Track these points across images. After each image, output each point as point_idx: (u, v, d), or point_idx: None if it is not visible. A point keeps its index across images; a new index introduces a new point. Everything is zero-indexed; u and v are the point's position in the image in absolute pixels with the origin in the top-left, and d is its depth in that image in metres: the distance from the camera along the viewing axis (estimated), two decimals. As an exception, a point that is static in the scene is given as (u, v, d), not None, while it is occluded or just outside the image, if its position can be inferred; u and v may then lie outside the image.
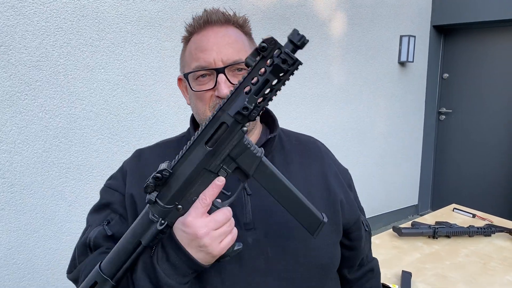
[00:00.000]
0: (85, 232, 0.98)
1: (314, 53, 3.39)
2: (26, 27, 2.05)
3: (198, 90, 0.94)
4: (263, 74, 0.71)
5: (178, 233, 0.78)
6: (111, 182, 1.03)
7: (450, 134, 4.64)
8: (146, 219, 0.78)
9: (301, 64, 0.72)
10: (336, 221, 1.00)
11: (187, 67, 0.97)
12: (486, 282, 1.57)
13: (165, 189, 0.77)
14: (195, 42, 0.95)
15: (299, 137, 1.13)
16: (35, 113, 2.13)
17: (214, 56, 0.91)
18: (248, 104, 0.72)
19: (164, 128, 2.62)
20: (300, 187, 0.97)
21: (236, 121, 0.74)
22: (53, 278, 2.29)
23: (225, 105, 0.74)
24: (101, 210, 1.00)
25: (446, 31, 4.55)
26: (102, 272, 0.79)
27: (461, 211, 2.32)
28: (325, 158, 1.09)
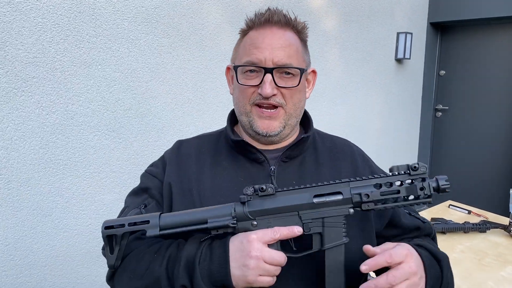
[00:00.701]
0: (122, 212, 1.02)
1: (310, 49, 3.37)
2: (23, 23, 2.04)
3: (244, 83, 0.97)
4: (399, 185, 0.81)
5: (234, 241, 0.83)
6: (152, 169, 1.08)
7: (446, 131, 4.66)
8: (226, 210, 0.84)
9: (430, 203, 0.85)
10: (365, 227, 1.00)
11: (238, 60, 1.01)
12: (481, 277, 1.58)
13: (258, 201, 0.84)
14: (251, 38, 0.98)
15: (334, 139, 1.16)
16: (32, 110, 2.13)
17: (266, 55, 0.94)
18: (371, 195, 0.80)
19: (161, 124, 2.62)
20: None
21: (350, 198, 0.82)
22: (50, 275, 2.29)
23: (353, 182, 0.83)
24: (139, 194, 1.04)
25: (443, 28, 4.56)
26: (159, 217, 0.85)
27: (457, 208, 2.34)
28: (359, 161, 1.10)
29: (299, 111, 1.04)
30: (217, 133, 1.13)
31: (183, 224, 0.84)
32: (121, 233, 0.84)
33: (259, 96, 0.96)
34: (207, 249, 0.84)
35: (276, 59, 0.94)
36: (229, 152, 1.04)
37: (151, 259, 0.88)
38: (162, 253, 0.88)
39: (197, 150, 1.06)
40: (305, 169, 1.02)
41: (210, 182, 0.99)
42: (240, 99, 1.00)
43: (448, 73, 4.57)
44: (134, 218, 0.86)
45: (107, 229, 0.84)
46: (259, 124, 0.98)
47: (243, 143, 1.00)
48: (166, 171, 1.03)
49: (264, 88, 0.94)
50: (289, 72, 0.97)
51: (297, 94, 1.00)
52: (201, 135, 1.14)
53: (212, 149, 1.06)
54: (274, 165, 1.01)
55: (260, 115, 0.98)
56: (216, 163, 1.03)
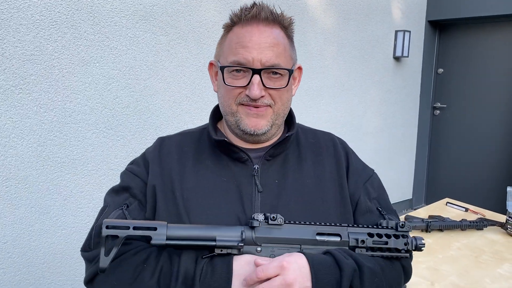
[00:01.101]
0: (103, 211, 0.98)
1: (309, 47, 3.39)
2: (20, 21, 2.04)
3: (230, 84, 0.94)
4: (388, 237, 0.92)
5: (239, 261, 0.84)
6: (133, 167, 1.04)
7: (444, 129, 4.66)
8: (235, 232, 0.86)
9: (407, 257, 0.96)
10: (347, 218, 1.01)
11: (223, 58, 0.96)
12: (478, 275, 1.59)
13: (265, 229, 0.87)
14: (238, 36, 0.94)
15: (317, 134, 1.14)
16: (30, 107, 2.12)
17: (254, 56, 0.91)
18: (366, 241, 0.91)
19: (159, 122, 2.62)
20: (312, 184, 1.01)
21: (347, 241, 0.90)
22: (48, 272, 2.29)
23: (350, 227, 0.92)
24: (120, 193, 1.00)
25: (441, 26, 4.56)
26: (167, 226, 0.83)
27: (454, 205, 2.34)
28: (342, 155, 1.09)
29: (287, 110, 1.02)
30: (199, 130, 1.10)
31: (191, 237, 0.84)
32: (124, 236, 0.80)
33: (246, 98, 0.93)
34: (208, 266, 0.83)
35: (264, 59, 0.91)
36: (211, 151, 1.02)
37: (140, 268, 0.85)
38: (151, 264, 0.86)
39: (179, 148, 1.03)
40: (288, 167, 1.01)
41: (193, 183, 0.97)
42: (226, 99, 0.97)
43: (446, 71, 4.58)
44: (140, 223, 0.83)
45: (109, 228, 0.80)
46: (247, 122, 0.95)
47: (225, 143, 0.98)
48: (149, 171, 1.00)
49: (252, 90, 0.91)
50: (277, 72, 0.94)
51: (285, 94, 0.98)
52: (184, 132, 1.11)
53: (194, 147, 1.04)
54: (258, 164, 0.99)
55: (247, 112, 0.95)
56: (198, 161, 1.00)
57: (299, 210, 0.96)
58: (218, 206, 0.94)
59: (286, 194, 0.97)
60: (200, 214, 0.93)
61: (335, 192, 1.02)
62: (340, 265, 0.85)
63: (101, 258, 0.80)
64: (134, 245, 0.90)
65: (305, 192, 0.99)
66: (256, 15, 0.93)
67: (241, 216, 0.94)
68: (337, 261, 0.85)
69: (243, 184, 0.97)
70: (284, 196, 0.97)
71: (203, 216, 0.92)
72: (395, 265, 0.97)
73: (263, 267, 0.80)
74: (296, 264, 0.82)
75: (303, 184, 1.00)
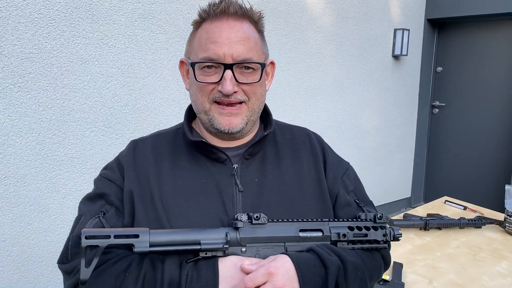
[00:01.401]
0: (78, 221, 0.95)
1: (308, 46, 3.39)
2: (19, 19, 2.04)
3: (202, 81, 0.92)
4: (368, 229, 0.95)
5: (225, 263, 0.83)
6: (107, 173, 1.00)
7: (443, 128, 4.67)
8: (219, 234, 0.84)
9: (385, 248, 0.99)
10: (327, 212, 1.01)
11: (194, 55, 0.95)
12: (476, 272, 1.59)
13: (249, 229, 0.87)
14: (207, 31, 0.92)
15: (293, 130, 1.12)
16: (29, 105, 2.12)
17: (225, 51, 0.89)
18: (347, 235, 0.92)
19: (157, 120, 2.62)
20: (292, 181, 1.00)
21: (329, 236, 0.92)
22: (47, 270, 2.30)
23: (331, 222, 0.93)
24: (95, 200, 0.97)
25: (440, 25, 4.56)
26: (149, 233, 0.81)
27: (453, 204, 2.35)
28: (318, 150, 1.08)
29: (261, 106, 1.00)
30: (173, 131, 1.07)
31: (175, 243, 0.82)
32: (105, 245, 0.76)
33: (219, 94, 0.91)
34: (193, 271, 0.81)
35: (235, 54, 0.89)
36: (188, 151, 0.99)
37: (122, 277, 0.83)
38: (134, 272, 0.83)
39: (154, 150, 1.00)
40: (267, 165, 1.00)
41: (171, 186, 0.94)
42: (198, 97, 0.95)
43: (445, 70, 4.58)
44: (120, 231, 0.80)
45: (89, 239, 0.76)
46: (220, 121, 0.94)
47: (203, 144, 0.96)
48: (125, 176, 0.96)
49: (225, 86, 0.89)
50: (249, 67, 0.92)
51: (259, 89, 0.96)
52: (157, 133, 1.08)
53: (170, 148, 1.01)
54: (237, 163, 0.98)
55: (220, 111, 0.93)
56: (175, 163, 0.98)
57: (280, 208, 0.95)
58: (199, 208, 0.92)
59: (266, 192, 0.96)
60: (181, 217, 0.91)
61: (314, 188, 1.02)
62: (324, 263, 0.85)
63: (82, 270, 0.76)
64: (114, 253, 0.88)
65: (285, 190, 0.98)
66: (225, 10, 0.91)
67: (223, 217, 0.92)
68: (321, 259, 0.86)
69: (223, 184, 0.95)
70: (265, 195, 0.96)
71: (184, 219, 0.90)
72: (375, 256, 0.98)
73: (251, 276, 0.79)
74: (283, 268, 0.82)
75: (282, 182, 0.99)
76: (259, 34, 0.98)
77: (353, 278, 0.87)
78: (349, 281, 0.86)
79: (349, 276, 0.86)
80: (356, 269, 0.88)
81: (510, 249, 1.80)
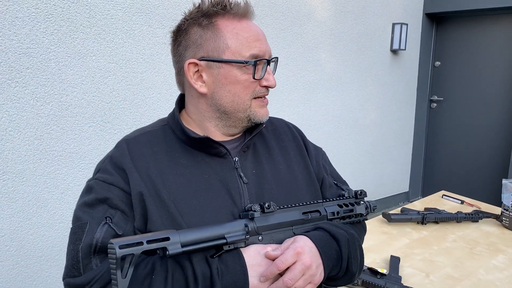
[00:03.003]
0: (83, 229, 0.89)
1: (306, 40, 3.39)
2: (16, 14, 2.03)
3: (248, 79, 0.94)
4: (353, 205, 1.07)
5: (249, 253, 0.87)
6: (105, 176, 0.94)
7: (441, 122, 4.68)
8: (239, 226, 0.88)
9: (366, 219, 1.14)
10: (317, 195, 1.09)
11: (230, 53, 0.92)
12: (472, 266, 1.61)
13: (262, 218, 0.92)
14: (243, 30, 0.93)
15: (273, 121, 1.17)
16: (26, 101, 2.12)
17: (266, 47, 0.96)
18: (340, 212, 1.04)
19: (155, 115, 2.62)
20: (285, 170, 1.07)
21: (326, 215, 1.01)
22: (46, 265, 2.30)
23: (325, 202, 1.03)
24: (95, 206, 0.91)
25: (438, 19, 4.56)
26: (179, 234, 0.80)
27: (450, 198, 2.36)
28: (298, 138, 1.15)
29: None
30: (159, 128, 1.03)
31: (202, 240, 0.82)
32: (139, 252, 0.74)
33: (264, 89, 0.97)
34: (221, 264, 0.84)
35: (270, 50, 0.98)
36: (183, 148, 0.98)
37: (148, 281, 0.82)
38: (161, 273, 0.82)
39: (149, 148, 0.97)
40: (260, 156, 1.05)
41: (175, 184, 0.92)
42: (241, 96, 0.95)
43: (444, 64, 4.58)
44: (150, 236, 0.78)
45: (123, 248, 0.73)
46: (262, 113, 0.99)
47: (207, 140, 0.95)
48: (129, 179, 0.91)
49: (272, 80, 0.98)
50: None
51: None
52: (144, 131, 1.02)
53: (164, 145, 0.99)
54: (236, 156, 1.00)
55: (261, 104, 0.99)
56: (173, 161, 0.96)
57: (281, 196, 1.01)
58: (208, 203, 0.93)
59: (266, 182, 1.01)
60: (194, 214, 0.91)
61: (304, 174, 1.09)
62: (336, 237, 0.95)
63: (119, 282, 0.73)
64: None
65: (280, 178, 1.04)
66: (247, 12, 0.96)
67: (234, 209, 0.94)
68: (332, 234, 0.95)
69: (227, 178, 0.96)
70: (265, 185, 1.01)
71: (197, 217, 0.90)
72: (360, 226, 1.14)
73: (282, 259, 0.85)
74: (307, 247, 0.88)
75: (277, 171, 1.05)
76: None
77: (356, 247, 0.98)
78: (352, 250, 0.96)
79: (352, 246, 0.96)
80: (356, 239, 0.99)
81: (507, 242, 1.82)
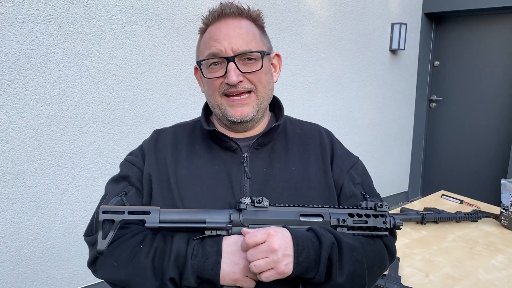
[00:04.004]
0: (103, 199, 1.05)
1: (305, 40, 3.39)
2: (16, 15, 2.03)
3: (210, 77, 1.01)
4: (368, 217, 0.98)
5: (228, 241, 0.90)
6: (131, 158, 1.11)
7: (440, 122, 4.68)
8: (224, 214, 0.92)
9: (386, 235, 1.02)
10: (332, 202, 1.06)
11: (201, 56, 1.04)
12: (472, 266, 1.61)
13: (252, 211, 0.93)
14: (209, 33, 1.02)
15: (304, 125, 1.20)
16: (26, 102, 2.12)
17: (225, 45, 0.98)
18: (347, 221, 0.96)
19: (155, 116, 2.62)
20: (298, 170, 1.07)
21: (329, 221, 0.96)
22: (47, 266, 2.31)
23: (332, 208, 0.97)
24: (119, 181, 1.07)
25: (437, 19, 4.56)
26: (159, 211, 0.89)
27: (449, 198, 2.36)
28: (326, 143, 1.15)
29: (270, 93, 1.08)
30: (192, 122, 1.16)
31: (182, 220, 0.89)
32: (119, 220, 0.86)
33: (226, 86, 0.99)
34: (199, 246, 0.90)
35: (235, 47, 0.98)
36: (204, 141, 1.09)
37: (137, 249, 0.92)
38: (147, 244, 0.92)
39: (174, 139, 1.10)
40: (275, 156, 1.07)
41: (186, 171, 1.03)
42: (210, 93, 1.04)
43: (443, 64, 4.58)
44: (134, 208, 0.89)
45: (106, 213, 0.85)
46: (232, 112, 1.02)
47: (216, 133, 1.04)
48: (145, 161, 1.07)
49: (230, 77, 0.97)
50: (251, 58, 1.00)
51: (264, 77, 1.03)
52: (178, 124, 1.18)
53: (188, 138, 1.11)
54: (247, 152, 1.05)
55: (231, 104, 1.01)
56: (192, 152, 1.07)
57: (285, 195, 1.01)
58: (209, 191, 1.01)
59: (273, 180, 1.03)
60: (193, 199, 0.99)
61: (320, 178, 1.07)
62: (319, 239, 0.90)
63: (99, 241, 0.85)
64: (132, 228, 0.97)
65: (290, 178, 1.04)
66: (222, 12, 1.01)
67: (231, 200, 1.00)
68: (317, 235, 0.91)
69: (233, 171, 1.03)
70: (271, 183, 1.02)
71: (195, 201, 0.99)
72: (377, 243, 1.02)
73: (251, 234, 0.86)
74: (281, 233, 0.88)
75: (289, 171, 1.05)
76: (258, 28, 1.06)
77: (348, 257, 0.90)
78: (343, 259, 0.89)
79: (344, 254, 0.90)
80: (352, 250, 0.92)
81: (506, 242, 1.82)
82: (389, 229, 1.00)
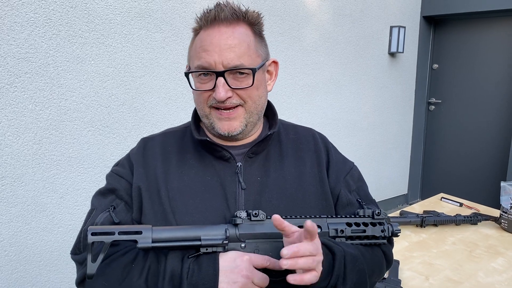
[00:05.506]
0: (90, 214, 0.99)
1: (304, 44, 3.40)
2: (14, 19, 2.03)
3: (198, 89, 0.96)
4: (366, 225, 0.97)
5: (225, 258, 0.86)
6: (118, 169, 1.05)
7: (439, 125, 4.68)
8: (219, 230, 0.87)
9: (384, 243, 1.00)
10: (329, 211, 1.03)
11: (192, 63, 0.98)
12: (472, 269, 1.61)
13: (248, 225, 0.89)
14: (201, 39, 0.95)
15: (298, 129, 1.14)
16: (25, 105, 2.12)
17: (215, 59, 0.91)
18: (345, 231, 0.94)
19: (154, 119, 2.62)
20: (293, 179, 1.02)
21: (327, 232, 0.94)
22: (45, 270, 2.30)
23: (329, 218, 0.95)
24: (106, 195, 1.01)
25: (436, 22, 4.58)
26: (152, 230, 0.84)
27: (449, 200, 2.36)
28: (321, 149, 1.10)
29: (260, 108, 1.01)
30: (182, 129, 1.10)
31: (176, 239, 0.85)
32: (110, 241, 0.81)
33: (214, 100, 0.94)
34: (194, 264, 0.85)
35: (226, 61, 0.91)
36: (195, 150, 1.03)
37: (128, 268, 0.87)
38: (140, 263, 0.87)
39: (163, 148, 1.04)
40: (269, 164, 1.03)
41: (177, 183, 0.98)
42: (198, 103, 0.99)
43: (441, 67, 4.59)
44: (125, 228, 0.84)
45: (95, 235, 0.80)
46: (220, 126, 0.97)
47: (208, 142, 0.99)
48: (134, 173, 1.01)
49: (217, 93, 0.92)
50: (242, 72, 0.93)
51: (255, 92, 0.97)
52: (167, 132, 1.11)
53: (178, 146, 1.05)
54: (240, 161, 1.01)
55: (219, 117, 0.96)
56: (182, 161, 1.02)
57: (281, 206, 0.97)
58: (203, 204, 0.96)
59: (268, 191, 0.99)
60: (186, 213, 0.94)
61: (315, 187, 1.03)
62: (332, 250, 0.87)
63: (88, 265, 0.80)
64: (123, 245, 0.92)
65: (286, 188, 1.00)
66: (216, 17, 0.93)
67: (226, 213, 0.95)
68: (328, 247, 0.88)
69: (227, 181, 0.98)
70: (266, 193, 0.98)
71: (188, 215, 0.94)
72: (375, 251, 1.00)
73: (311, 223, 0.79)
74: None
75: (284, 181, 1.01)
76: (254, 36, 0.97)
77: (351, 268, 0.88)
78: (346, 270, 0.87)
79: (347, 265, 0.88)
80: (355, 260, 0.90)
81: (506, 245, 1.82)
82: (387, 237, 0.99)
